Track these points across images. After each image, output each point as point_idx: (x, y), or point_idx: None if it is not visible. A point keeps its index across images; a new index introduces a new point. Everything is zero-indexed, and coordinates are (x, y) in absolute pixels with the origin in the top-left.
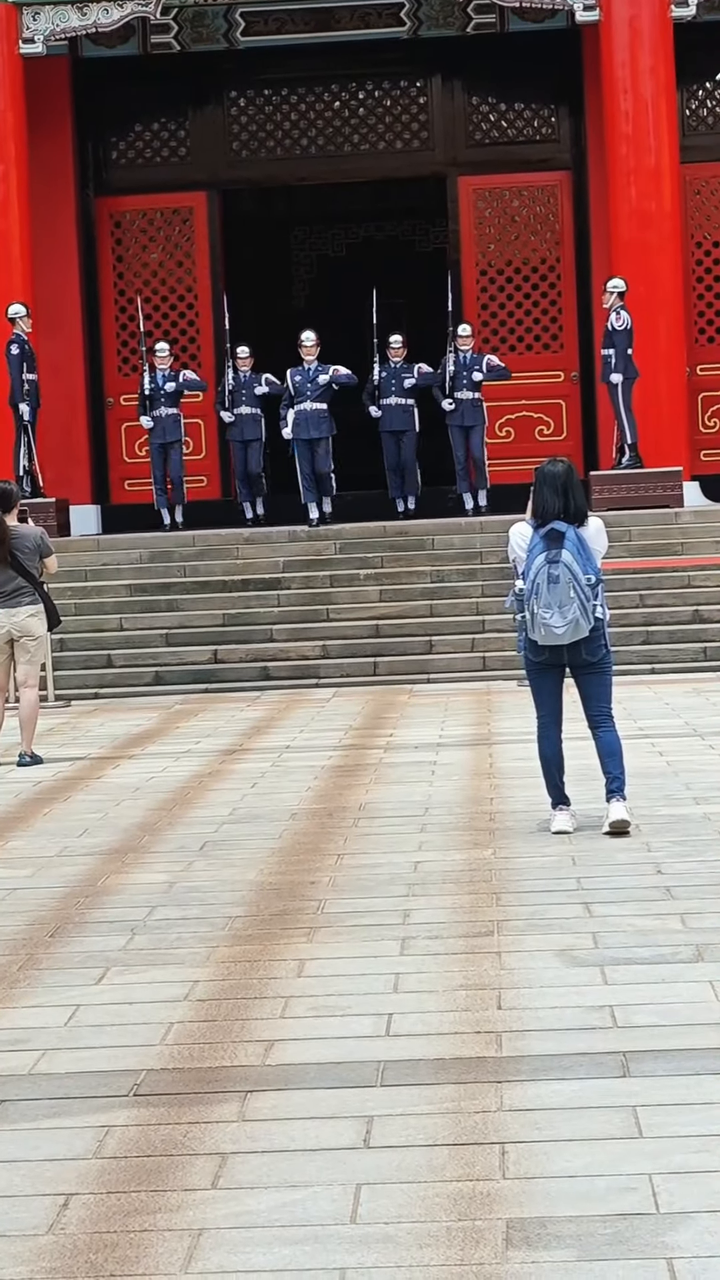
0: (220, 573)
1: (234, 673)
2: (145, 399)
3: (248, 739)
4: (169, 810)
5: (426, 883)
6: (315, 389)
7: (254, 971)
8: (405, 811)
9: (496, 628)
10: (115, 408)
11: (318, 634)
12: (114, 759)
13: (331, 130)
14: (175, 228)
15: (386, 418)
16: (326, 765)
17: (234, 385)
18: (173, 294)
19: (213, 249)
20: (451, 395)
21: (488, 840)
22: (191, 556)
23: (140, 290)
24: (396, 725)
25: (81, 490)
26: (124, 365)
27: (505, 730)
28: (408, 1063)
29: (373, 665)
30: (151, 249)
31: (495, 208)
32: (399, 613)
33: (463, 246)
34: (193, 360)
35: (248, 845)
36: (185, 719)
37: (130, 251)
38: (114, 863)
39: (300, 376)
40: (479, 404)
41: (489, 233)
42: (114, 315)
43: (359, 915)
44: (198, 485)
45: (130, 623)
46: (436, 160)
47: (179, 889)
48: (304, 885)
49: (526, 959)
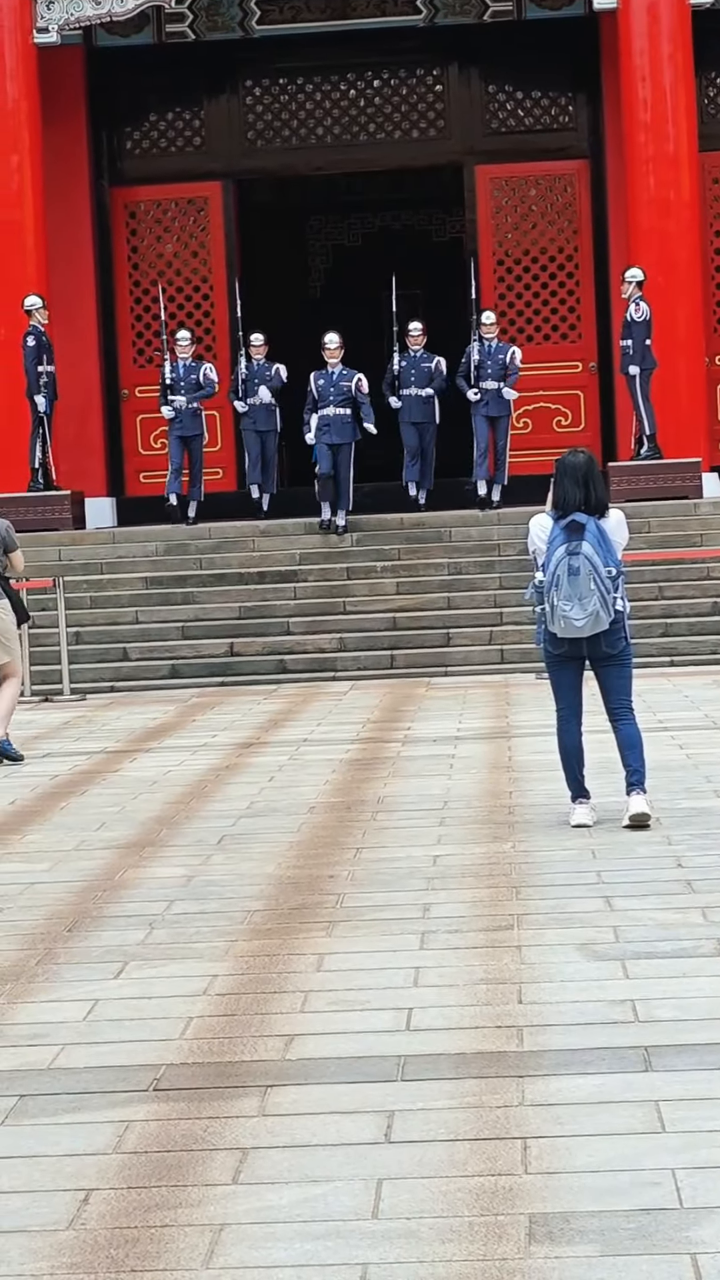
0: (236, 565)
1: (250, 666)
2: (166, 388)
3: (265, 732)
4: (186, 804)
5: (446, 876)
6: (339, 394)
7: (273, 966)
8: (424, 805)
9: (514, 620)
10: (131, 399)
11: (334, 626)
12: (131, 752)
13: (347, 119)
14: (190, 218)
15: (406, 409)
16: (344, 758)
17: (247, 374)
18: (188, 284)
19: (228, 239)
20: (477, 385)
21: (507, 834)
22: (207, 549)
23: (155, 281)
24: (414, 718)
25: (97, 483)
26: (139, 357)
27: (524, 723)
28: (428, 1057)
29: (390, 658)
30: (166, 239)
31: (512, 197)
32: (416, 605)
33: (479, 236)
34: (208, 351)
35: (266, 839)
36: (202, 712)
37: (145, 242)
38: (131, 856)
39: (324, 380)
40: (506, 397)
41: (506, 222)
42: (129, 306)
43: (378, 909)
44: (213, 478)
45: (146, 616)
46: (453, 149)
47: (197, 883)
48: (323, 879)
49: (547, 953)
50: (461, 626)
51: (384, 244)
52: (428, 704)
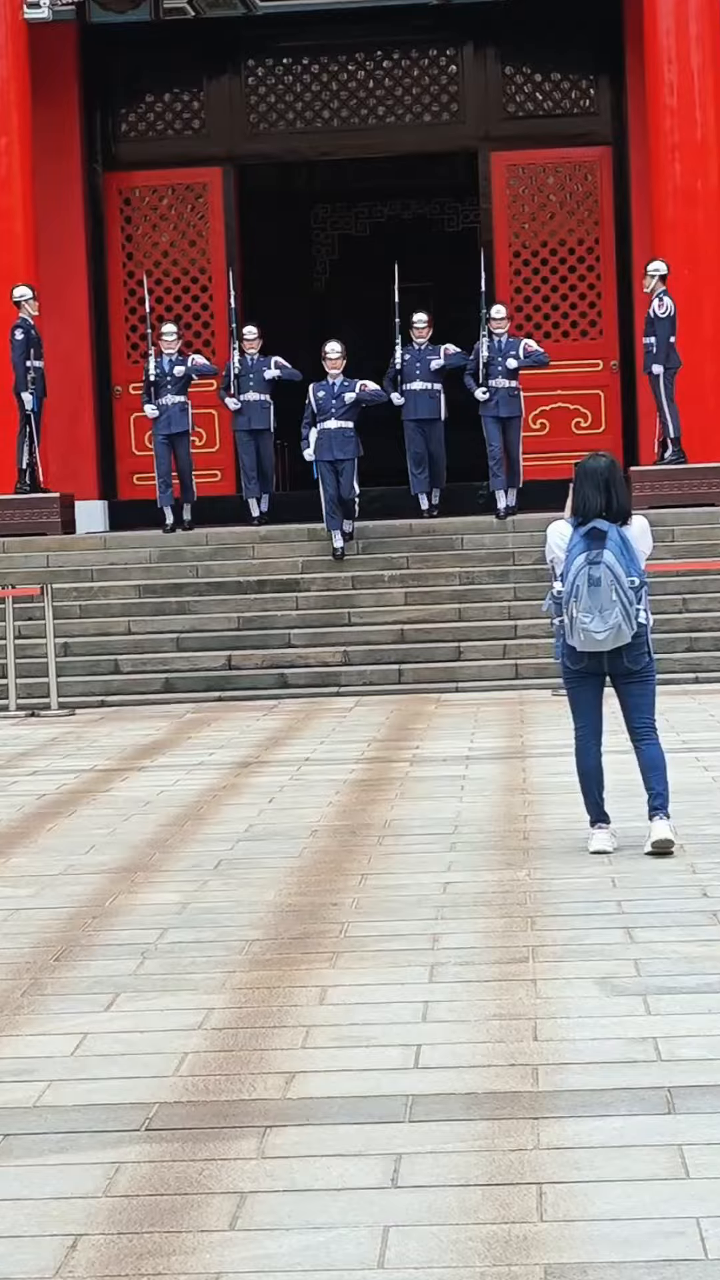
0: (235, 573)
1: (249, 680)
2: (150, 385)
3: (265, 751)
4: (181, 826)
5: (457, 905)
6: (341, 407)
7: (273, 999)
8: (433, 829)
9: (530, 633)
10: (123, 397)
11: (339, 639)
12: (122, 771)
13: (355, 102)
14: (188, 205)
15: (410, 404)
16: (349, 779)
17: (240, 369)
18: (185, 275)
19: (228, 228)
20: (486, 384)
21: (522, 860)
22: (204, 556)
23: (151, 271)
24: (423, 737)
25: (87, 485)
26: (133, 352)
27: (540, 743)
28: (438, 1097)
29: (397, 673)
30: (163, 228)
31: (530, 185)
32: (425, 617)
33: (494, 226)
34: (206, 347)
35: (265, 864)
36: (198, 729)
37: (140, 230)
38: (123, 882)
39: (324, 392)
40: (516, 394)
41: (523, 212)
42: (123, 298)
43: (385, 939)
44: (210, 480)
45: (139, 626)
46: (467, 134)
47: (192, 910)
48: (326, 907)
49: (564, 987)
50: (474, 640)
51: (393, 234)
52: (438, 722)
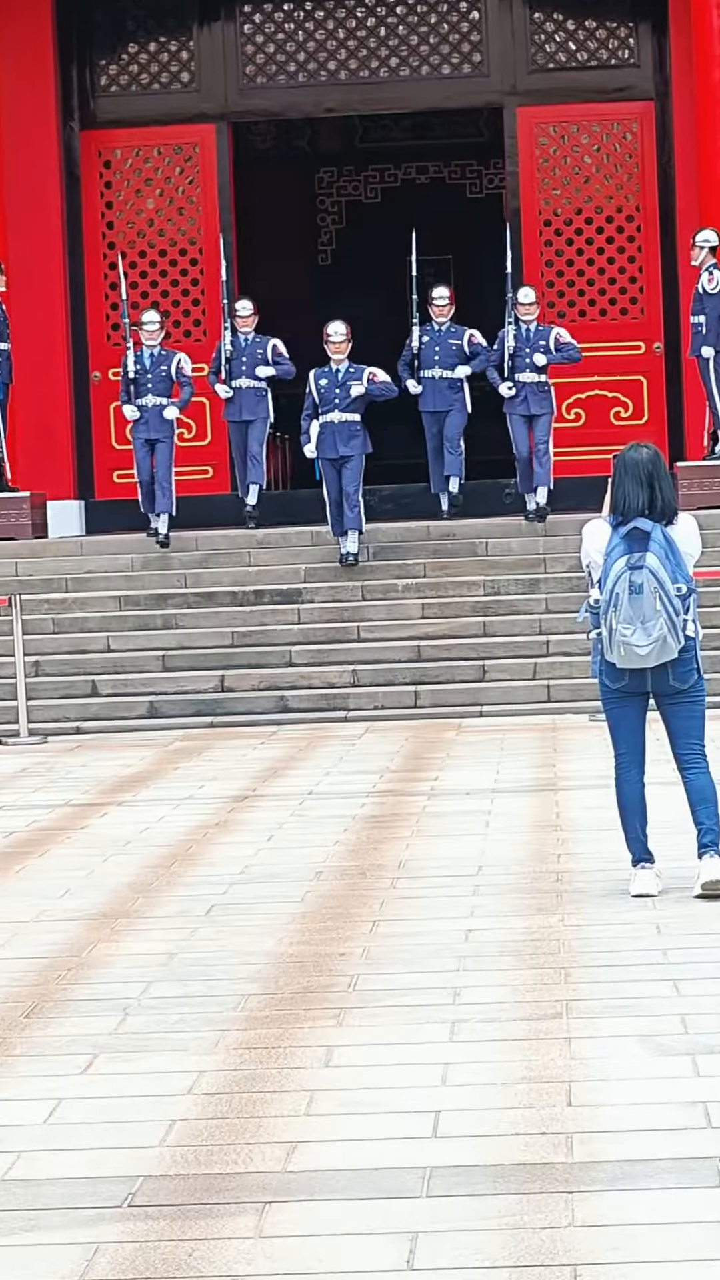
0: (228, 582)
1: (245, 703)
2: (130, 383)
3: (262, 783)
4: (167, 868)
5: (481, 955)
6: (345, 397)
7: (272, 1060)
8: (454, 870)
9: (564, 649)
10: (102, 384)
11: (346, 657)
12: (100, 806)
13: (365, 52)
14: (177, 168)
15: (429, 394)
16: (358, 815)
17: (232, 352)
18: (173, 247)
19: (221, 193)
20: (511, 377)
21: (554, 905)
22: (193, 563)
23: (134, 242)
24: (442, 767)
25: (62, 483)
26: (113, 333)
27: (575, 773)
28: (459, 1169)
29: (413, 695)
30: (148, 193)
31: (562, 145)
32: (445, 631)
33: (522, 192)
34: (196, 327)
35: (263, 909)
36: (186, 758)
37: (122, 196)
38: (102, 929)
39: (326, 380)
40: (546, 388)
41: (554, 176)
42: (102, 273)
43: (399, 994)
44: (201, 477)
45: (119, 642)
46: (492, 88)
47: (181, 961)
48: (332, 957)
49: (602, 1046)
50: (500, 657)
51: (408, 201)
52: (459, 750)
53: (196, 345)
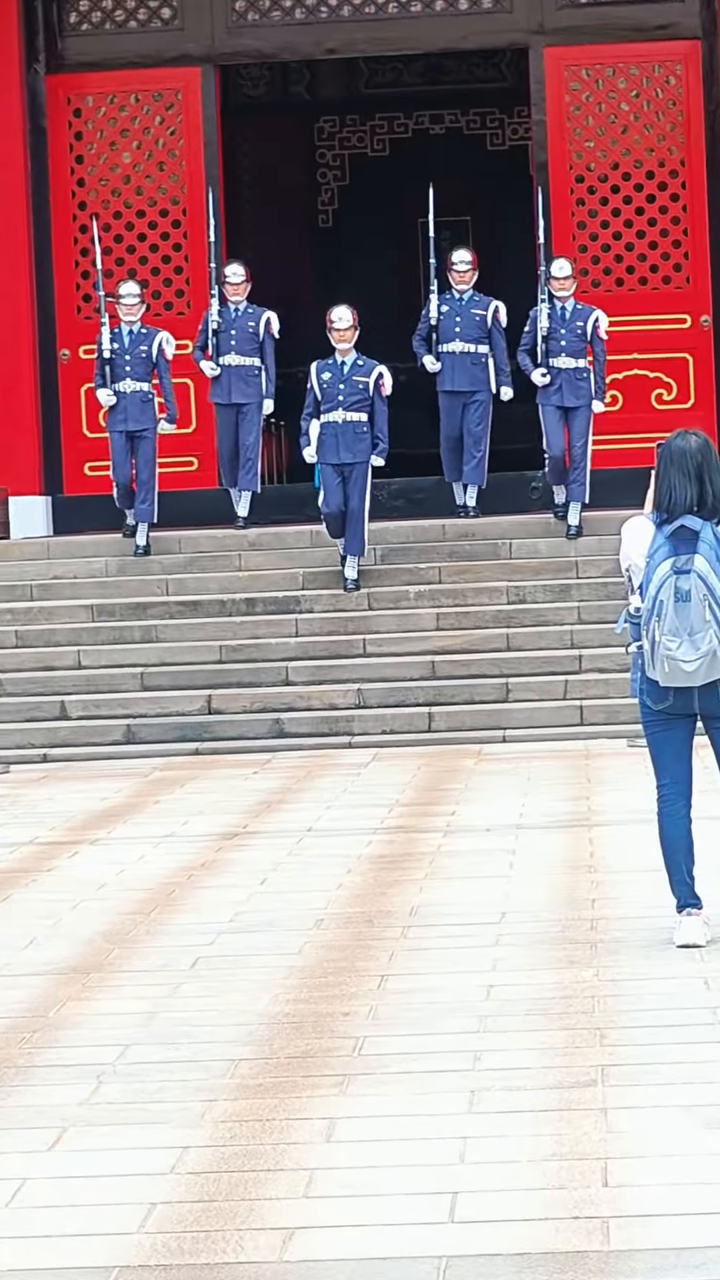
0: (216, 589)
1: (235, 727)
2: (105, 364)
3: (255, 818)
4: (147, 915)
5: (504, 1014)
6: (352, 393)
7: (267, 1134)
8: (474, 917)
9: (598, 665)
10: (73, 362)
11: (350, 674)
12: (70, 844)
13: None
14: (156, 117)
15: (448, 372)
16: (364, 854)
17: (220, 324)
18: (152, 207)
19: (207, 146)
20: (546, 362)
21: (588, 957)
22: (176, 567)
23: (109, 202)
24: (460, 800)
25: (26, 476)
26: (85, 305)
27: (611, 806)
28: (480, 1259)
29: (427, 717)
30: (124, 146)
31: (596, 91)
32: (463, 645)
33: (550, 144)
34: (179, 298)
35: (256, 963)
36: (168, 790)
37: (94, 149)
38: (72, 985)
39: (330, 373)
40: (586, 376)
41: (587, 126)
42: (72, 237)
43: (411, 1058)
44: (184, 469)
45: (92, 658)
46: (516, 26)
47: (162, 1022)
48: (334, 1017)
49: (642, 1118)
50: (525, 674)
51: (420, 154)
52: (479, 780)
53: (180, 319)
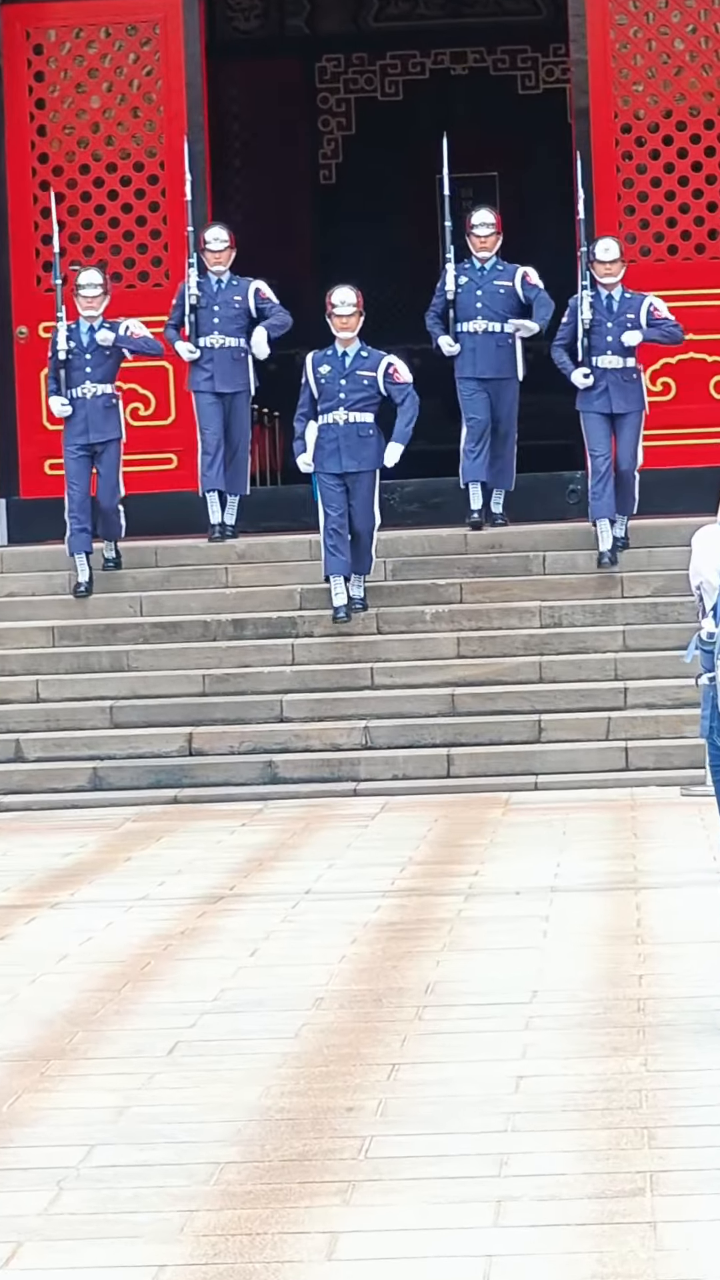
0: (198, 609)
1: (220, 771)
2: (60, 366)
3: (243, 878)
4: (117, 991)
5: (536, 1110)
6: (356, 390)
7: (257, 1251)
8: (500, 996)
9: (647, 700)
10: (31, 341)
11: (356, 709)
12: (27, 908)
13: None
14: (130, 54)
15: (469, 356)
16: (371, 921)
17: (200, 297)
18: (125, 160)
19: (190, 89)
20: (588, 361)
21: (634, 1043)
22: (152, 583)
23: (74, 154)
24: (484, 857)
25: None
26: (46, 275)
27: (660, 866)
28: None
29: (445, 760)
30: (92, 88)
31: (646, 26)
32: (488, 675)
33: (592, 88)
34: (156, 266)
35: (245, 1049)
36: (141, 844)
37: (58, 92)
38: (29, 1075)
39: (329, 367)
40: (635, 377)
41: (635, 66)
42: (30, 195)
43: (426, 1162)
44: (162, 468)
45: (52, 689)
46: None
47: (135, 1117)
48: (336, 1113)
49: (697, 1234)
50: (561, 710)
51: (439, 100)
52: (506, 834)
53: (156, 292)
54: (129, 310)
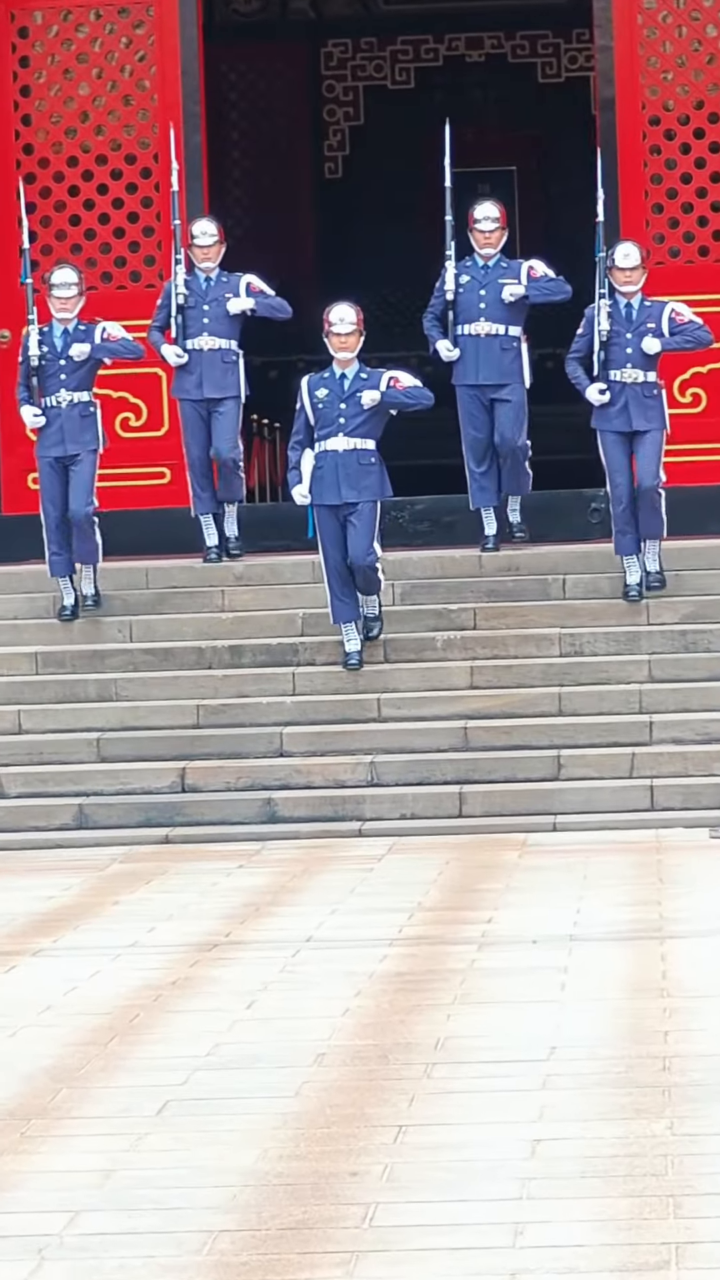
0: (192, 634)
1: (215, 808)
2: (32, 373)
3: (239, 924)
4: (104, 1045)
5: (553, 1176)
6: (355, 415)
7: None
8: (515, 1052)
9: (674, 735)
10: (13, 345)
11: (361, 743)
12: (7, 956)
13: None
14: (122, 39)
15: (469, 360)
16: (377, 972)
17: (188, 296)
18: (116, 151)
19: (186, 77)
20: (604, 375)
21: (659, 1104)
22: (142, 606)
23: (61, 145)
24: (498, 903)
25: None
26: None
27: (688, 913)
28: None
29: (457, 798)
30: (81, 74)
31: (676, 11)
32: (503, 707)
33: (618, 77)
34: (150, 266)
35: (241, 1108)
36: (131, 887)
37: (44, 79)
38: (8, 1135)
39: (327, 390)
40: (656, 394)
41: (664, 54)
42: (14, 189)
43: (436, 1231)
44: (153, 482)
45: (35, 720)
46: None
47: (122, 1182)
48: (339, 1178)
49: None
50: (581, 745)
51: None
52: (522, 879)
53: (149, 292)
54: (121, 313)
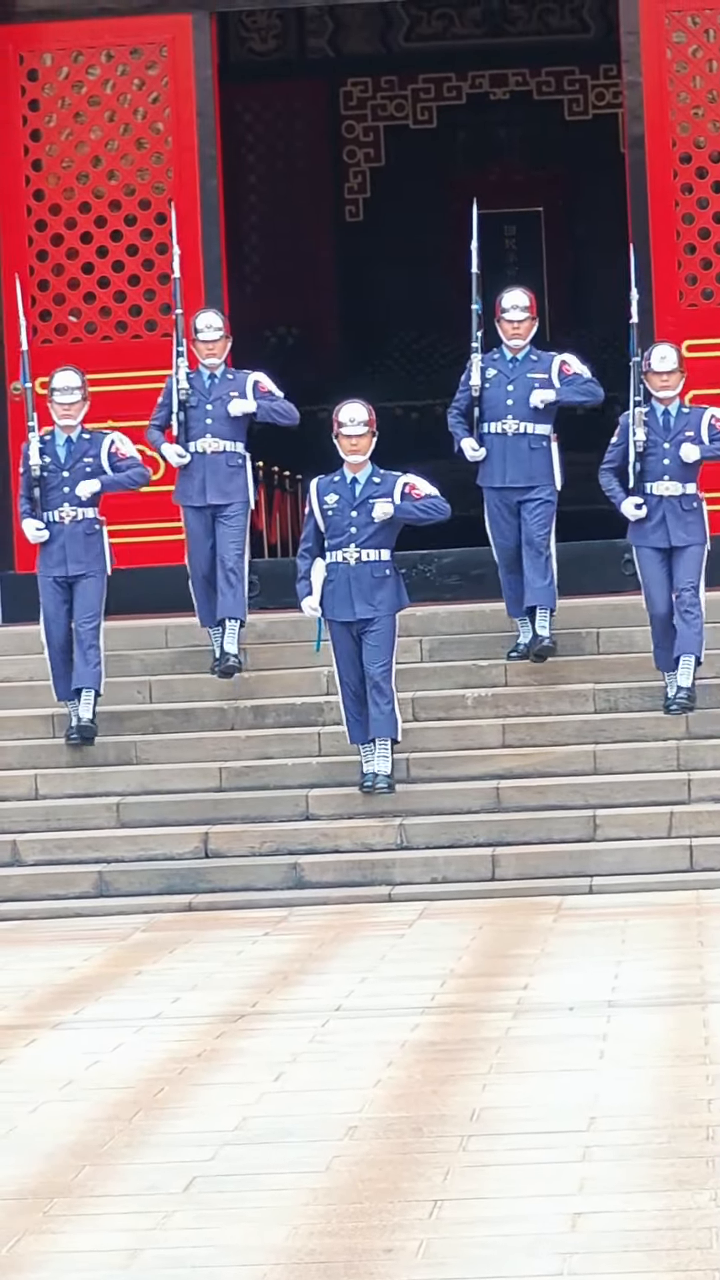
0: (213, 694)
1: (240, 874)
2: (34, 484)
3: (266, 993)
4: (128, 1121)
5: (594, 1251)
6: (367, 524)
7: None
8: (553, 1123)
9: (713, 793)
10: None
11: (390, 805)
12: (27, 1028)
13: None
14: (135, 80)
15: (496, 461)
16: (409, 1041)
17: (191, 395)
18: (130, 197)
19: (201, 118)
20: (640, 488)
21: (703, 1175)
22: (161, 665)
23: (72, 191)
24: (534, 969)
25: None
26: (43, 324)
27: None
28: None
29: (490, 860)
30: (93, 117)
31: (707, 45)
32: (536, 765)
33: (647, 114)
34: (165, 315)
35: (269, 1184)
36: (154, 956)
37: (55, 122)
38: (30, 1214)
39: (337, 496)
40: (696, 506)
41: (696, 89)
42: (25, 237)
43: None
44: (170, 537)
45: (52, 785)
46: None
47: (149, 1261)
48: (372, 1255)
49: None
50: (618, 804)
51: (476, 127)
52: (558, 943)
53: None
54: (135, 363)
